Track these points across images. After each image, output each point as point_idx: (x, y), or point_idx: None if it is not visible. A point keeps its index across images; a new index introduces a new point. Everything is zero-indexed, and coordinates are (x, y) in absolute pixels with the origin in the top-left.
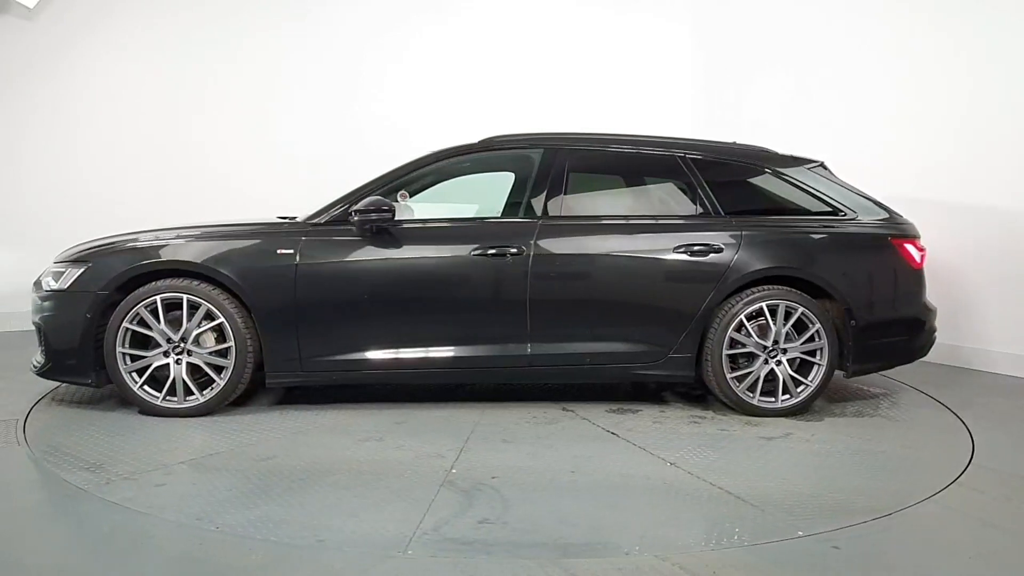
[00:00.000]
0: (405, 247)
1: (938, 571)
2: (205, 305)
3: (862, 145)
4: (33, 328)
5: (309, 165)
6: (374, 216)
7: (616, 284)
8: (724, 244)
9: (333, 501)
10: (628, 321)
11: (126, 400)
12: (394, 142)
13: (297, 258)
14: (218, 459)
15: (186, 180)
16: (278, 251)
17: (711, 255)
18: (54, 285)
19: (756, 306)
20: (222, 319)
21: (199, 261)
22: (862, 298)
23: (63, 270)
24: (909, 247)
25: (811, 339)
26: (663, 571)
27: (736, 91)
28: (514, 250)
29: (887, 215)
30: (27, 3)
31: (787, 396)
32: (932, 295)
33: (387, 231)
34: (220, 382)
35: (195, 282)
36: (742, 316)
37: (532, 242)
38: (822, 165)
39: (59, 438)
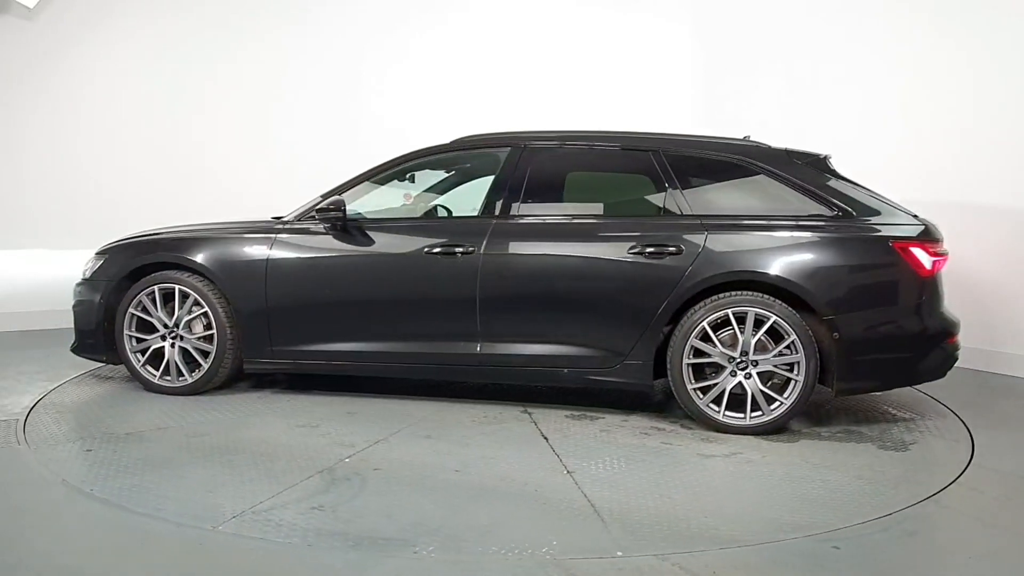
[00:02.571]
0: (364, 245)
1: (938, 571)
2: (193, 295)
3: (867, 144)
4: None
5: (308, 166)
6: (332, 214)
7: (567, 285)
8: (684, 245)
9: (209, 477)
10: (580, 324)
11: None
12: (394, 143)
13: (268, 254)
14: (158, 433)
15: (186, 179)
16: (254, 247)
17: (668, 257)
18: (85, 275)
19: (721, 312)
20: (206, 308)
21: (188, 256)
22: (848, 308)
23: (91, 262)
24: (916, 252)
25: (789, 351)
26: (663, 571)
27: (736, 91)
28: (467, 249)
29: (891, 215)
30: (27, 3)
31: (758, 413)
32: (955, 299)
33: (350, 230)
34: (204, 366)
35: (186, 274)
36: (704, 323)
37: (484, 241)
38: (823, 160)
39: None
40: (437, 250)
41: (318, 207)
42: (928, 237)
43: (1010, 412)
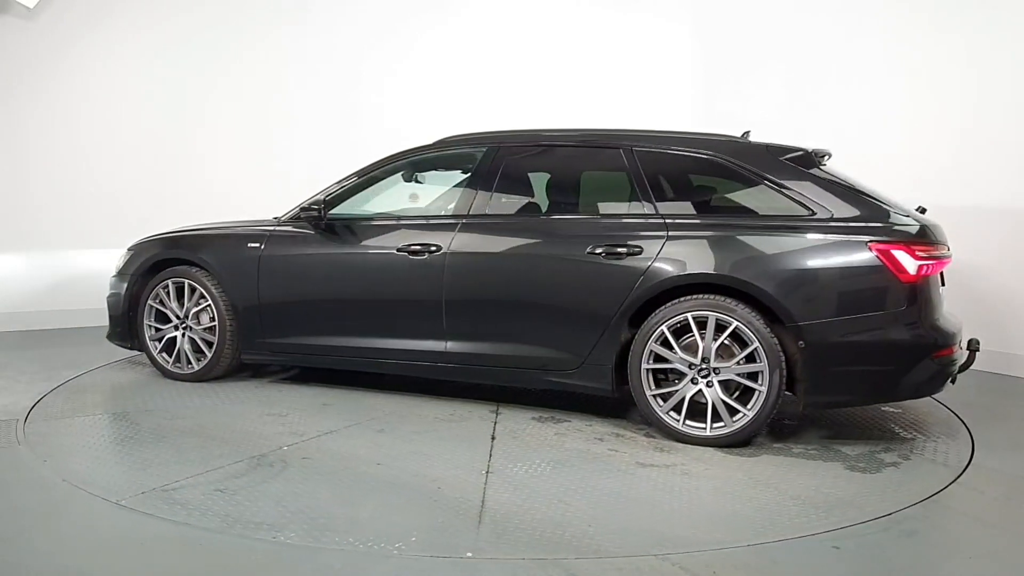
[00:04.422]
0: (342, 243)
1: (938, 571)
2: (200, 289)
3: (868, 142)
4: None
5: (310, 165)
6: (312, 213)
7: (527, 285)
8: (644, 246)
9: (152, 455)
10: (539, 325)
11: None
12: (394, 143)
13: (261, 251)
14: (139, 415)
15: (187, 179)
16: (248, 245)
17: (627, 258)
18: (117, 268)
19: (681, 316)
20: (210, 302)
21: (195, 252)
22: (816, 315)
23: (122, 256)
24: (898, 255)
25: (752, 360)
26: (663, 571)
27: (737, 90)
28: (432, 248)
29: (877, 214)
30: (27, 3)
31: (720, 424)
32: (958, 299)
33: (330, 229)
34: (208, 355)
35: (194, 269)
36: (664, 327)
37: (451, 241)
38: (808, 156)
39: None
40: (407, 249)
41: (301, 207)
42: (917, 239)
43: (1011, 412)
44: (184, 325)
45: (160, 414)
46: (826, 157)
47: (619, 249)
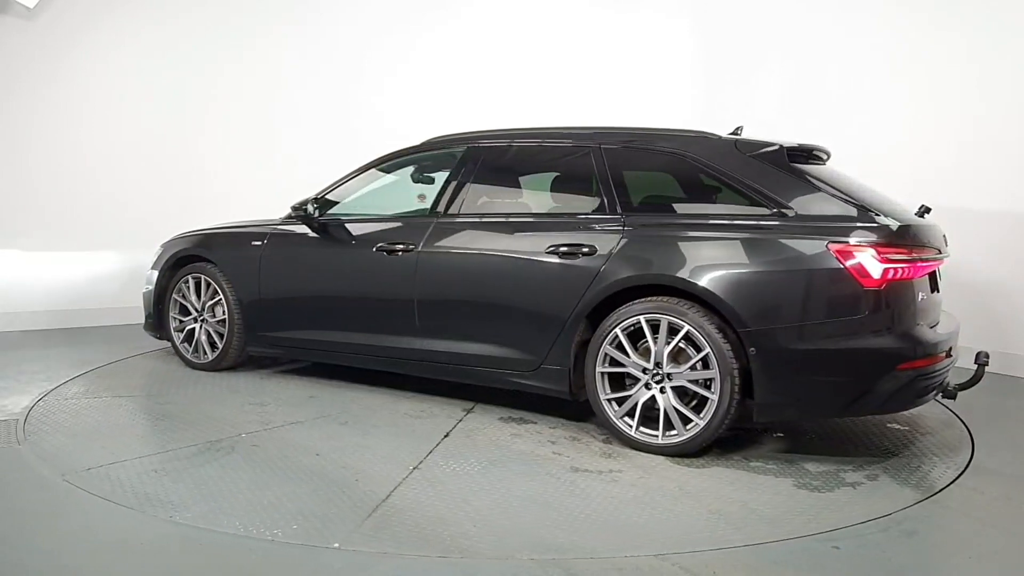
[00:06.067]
0: (329, 242)
1: (938, 571)
2: (213, 284)
3: (868, 143)
4: None
5: (312, 164)
6: (303, 212)
7: (490, 285)
8: (599, 246)
9: (119, 437)
10: (501, 325)
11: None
12: (395, 144)
13: (262, 248)
14: (138, 399)
15: (188, 179)
16: (252, 243)
17: (581, 258)
18: (152, 262)
19: (634, 319)
20: (220, 296)
21: (208, 250)
22: (768, 320)
23: (156, 252)
24: (862, 257)
25: (705, 366)
26: (663, 571)
27: (736, 88)
28: (408, 247)
29: (842, 213)
30: (27, 3)
31: (673, 432)
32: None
33: (319, 228)
34: (219, 346)
35: (209, 266)
36: (618, 329)
37: (423, 240)
38: (779, 151)
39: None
40: (384, 248)
41: (293, 207)
42: (889, 240)
43: (1011, 412)
44: (201, 318)
45: (156, 399)
46: (817, 151)
47: (574, 248)
